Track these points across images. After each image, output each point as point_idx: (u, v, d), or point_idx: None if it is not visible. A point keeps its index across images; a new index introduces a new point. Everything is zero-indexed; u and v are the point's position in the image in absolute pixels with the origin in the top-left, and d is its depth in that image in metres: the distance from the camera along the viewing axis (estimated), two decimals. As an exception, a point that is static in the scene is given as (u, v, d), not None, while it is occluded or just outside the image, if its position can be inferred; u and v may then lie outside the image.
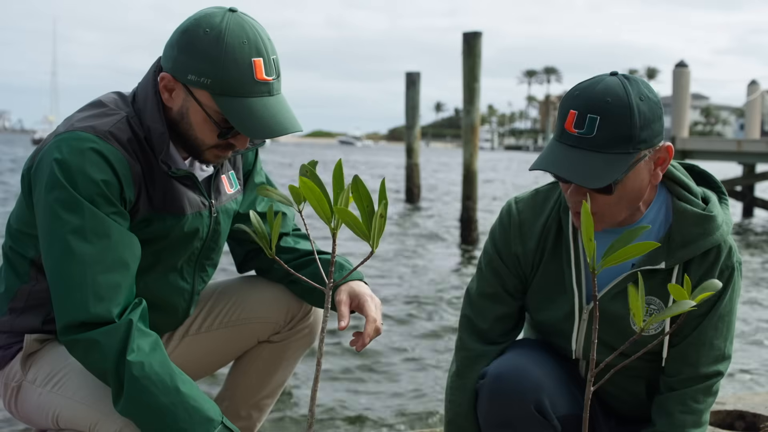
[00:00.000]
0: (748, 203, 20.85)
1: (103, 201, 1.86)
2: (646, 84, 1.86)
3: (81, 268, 1.83)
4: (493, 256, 2.15)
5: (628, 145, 1.81)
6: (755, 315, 8.88)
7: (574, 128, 1.82)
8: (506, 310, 2.15)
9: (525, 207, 2.12)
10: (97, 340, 1.82)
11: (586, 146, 1.81)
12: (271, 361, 2.35)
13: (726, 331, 2.01)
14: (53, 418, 1.98)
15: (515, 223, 2.11)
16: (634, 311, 1.36)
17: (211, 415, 1.84)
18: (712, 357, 2.01)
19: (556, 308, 2.09)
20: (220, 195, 2.14)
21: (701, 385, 2.01)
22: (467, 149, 15.73)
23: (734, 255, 1.99)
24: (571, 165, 1.82)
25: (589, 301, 2.05)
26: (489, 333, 2.15)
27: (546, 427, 2.04)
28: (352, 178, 1.60)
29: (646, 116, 1.82)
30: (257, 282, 2.34)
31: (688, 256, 1.95)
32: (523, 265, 2.12)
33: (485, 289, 2.15)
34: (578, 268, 2.04)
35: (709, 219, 1.95)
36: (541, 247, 2.09)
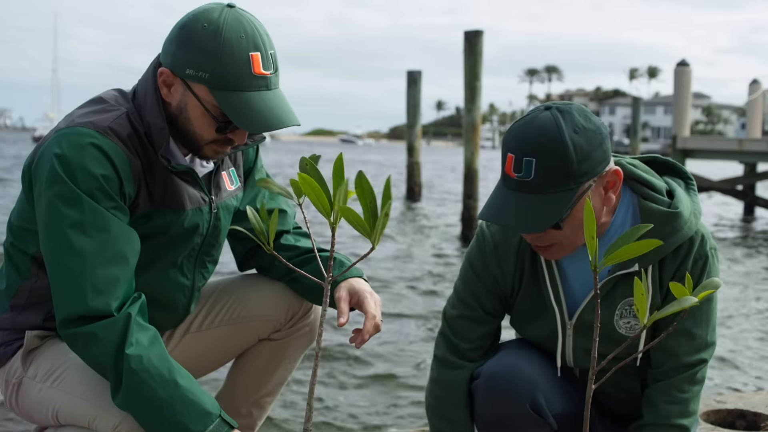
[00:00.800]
0: (749, 202, 20.83)
1: (103, 195, 1.87)
2: (582, 112, 1.85)
3: (80, 262, 1.84)
4: (471, 279, 2.14)
5: (569, 181, 1.81)
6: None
7: (513, 172, 1.83)
8: (486, 329, 2.16)
9: (497, 229, 2.11)
10: (96, 334, 1.83)
11: (526, 189, 1.82)
12: (271, 359, 2.35)
13: (705, 319, 2.01)
14: (53, 413, 1.98)
15: (490, 245, 2.11)
16: (638, 306, 1.36)
17: (209, 409, 1.84)
18: (693, 346, 2.01)
19: (539, 326, 2.10)
20: (220, 191, 2.14)
21: (685, 374, 2.01)
22: (468, 148, 15.73)
23: (707, 242, 1.99)
24: (514, 212, 1.82)
25: (572, 316, 2.05)
26: (470, 352, 2.15)
27: (542, 425, 2.04)
28: (355, 174, 1.60)
29: (583, 149, 1.80)
30: (258, 280, 2.34)
31: (660, 255, 1.95)
32: (502, 287, 2.12)
33: (464, 311, 2.15)
34: (555, 287, 2.05)
35: (674, 216, 1.94)
36: (519, 269, 2.09)
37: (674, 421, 2.01)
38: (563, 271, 2.05)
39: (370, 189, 1.64)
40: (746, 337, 7.96)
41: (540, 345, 2.14)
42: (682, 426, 2.02)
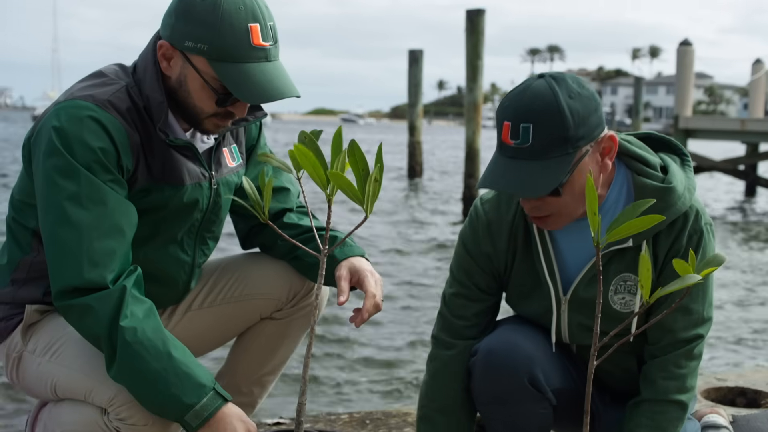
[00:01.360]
0: (750, 182, 20.81)
1: (100, 168, 1.86)
2: (576, 79, 1.86)
3: (76, 234, 1.83)
4: (465, 258, 2.14)
5: (566, 146, 1.81)
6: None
7: (510, 139, 1.83)
8: (481, 306, 2.16)
9: (491, 207, 2.11)
10: (91, 306, 1.82)
11: (524, 156, 1.82)
12: (273, 338, 2.35)
13: (702, 294, 2.01)
14: (51, 387, 1.98)
15: (483, 223, 2.11)
16: (642, 282, 1.36)
17: (203, 381, 1.84)
18: (689, 322, 2.00)
19: (534, 303, 2.10)
20: (221, 167, 2.13)
21: (681, 350, 2.01)
22: (470, 127, 15.70)
23: (702, 218, 1.98)
24: (513, 177, 1.82)
25: (566, 291, 2.05)
26: (467, 330, 2.14)
27: (540, 400, 2.04)
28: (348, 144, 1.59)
29: (579, 113, 1.81)
30: (260, 258, 2.34)
31: (654, 230, 1.95)
32: (495, 264, 2.11)
33: (460, 290, 2.15)
34: (549, 262, 2.04)
35: (669, 191, 1.94)
36: (512, 247, 2.09)
37: (672, 397, 2.01)
38: (557, 246, 2.04)
39: (362, 158, 1.63)
40: (746, 316, 7.97)
41: (536, 321, 2.14)
42: (679, 401, 2.02)
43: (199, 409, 1.82)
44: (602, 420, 2.18)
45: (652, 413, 2.01)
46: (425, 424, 2.17)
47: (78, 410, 1.94)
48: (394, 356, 6.23)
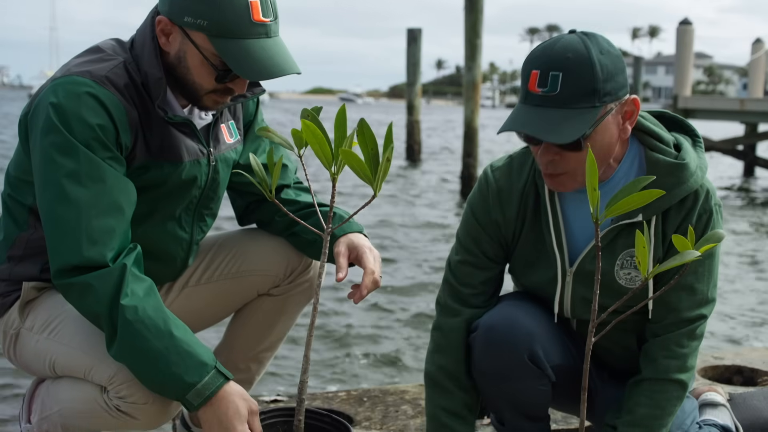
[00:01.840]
0: (749, 162, 20.80)
1: (99, 145, 1.85)
2: (605, 39, 1.87)
3: (75, 212, 1.82)
4: (473, 225, 2.14)
5: (593, 99, 1.82)
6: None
7: (538, 87, 1.83)
8: (489, 274, 2.15)
9: (501, 174, 2.11)
10: (91, 284, 1.82)
11: (551, 104, 1.82)
12: (270, 314, 2.34)
13: (707, 274, 2.01)
14: (50, 364, 1.98)
15: (493, 191, 2.10)
16: (639, 258, 1.36)
17: (205, 360, 1.83)
18: (694, 301, 2.01)
19: (540, 273, 2.09)
20: (219, 144, 2.12)
21: (684, 329, 2.01)
22: (468, 106, 15.66)
23: (712, 198, 1.99)
24: (539, 123, 1.82)
25: (572, 263, 2.05)
26: (472, 298, 2.14)
27: (539, 377, 2.05)
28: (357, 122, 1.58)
29: (608, 69, 1.82)
30: (258, 234, 2.33)
31: (665, 206, 1.95)
32: (503, 232, 2.11)
33: (467, 257, 2.15)
34: (558, 232, 2.04)
35: (681, 167, 1.94)
36: (521, 214, 2.09)
37: (672, 376, 2.01)
38: (566, 217, 2.04)
39: (372, 136, 1.62)
40: (745, 295, 7.99)
41: (538, 293, 2.13)
42: (680, 381, 2.02)
43: (200, 387, 1.82)
44: (600, 397, 2.18)
45: (652, 392, 2.02)
46: (435, 388, 2.16)
47: (77, 388, 1.94)
48: (392, 334, 6.24)
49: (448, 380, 2.14)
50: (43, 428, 2.04)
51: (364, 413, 2.77)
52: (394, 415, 2.76)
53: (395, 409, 2.80)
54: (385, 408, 2.81)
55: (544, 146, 1.88)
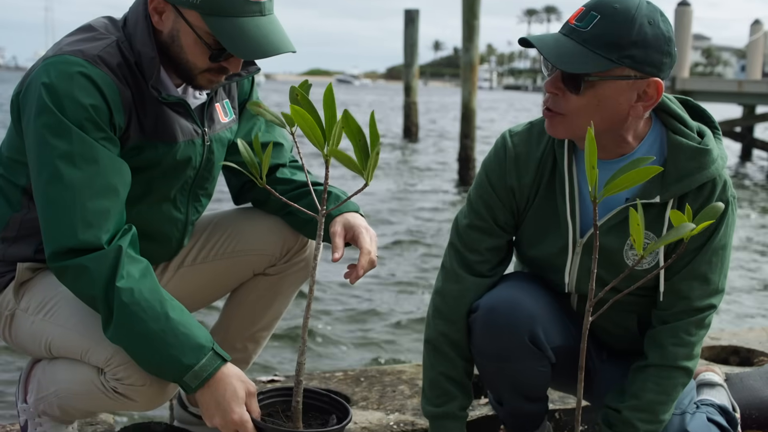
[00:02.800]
0: (747, 144, 20.80)
1: (92, 126, 1.83)
2: (666, 19, 1.87)
3: (69, 194, 1.81)
4: (486, 189, 2.12)
5: (614, 52, 1.81)
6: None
7: (575, 20, 1.86)
8: (496, 242, 2.13)
9: (520, 141, 2.09)
10: (86, 266, 1.80)
11: (575, 37, 1.84)
12: (266, 293, 2.33)
13: (720, 265, 2.01)
14: (46, 345, 1.97)
15: (511, 157, 2.08)
16: (634, 236, 1.35)
17: (202, 342, 1.83)
18: (705, 291, 2.00)
19: (549, 243, 2.08)
20: (213, 123, 2.10)
21: (694, 318, 2.01)
22: (466, 87, 15.62)
23: (729, 189, 1.98)
24: (554, 47, 1.84)
25: (584, 234, 2.04)
26: (478, 265, 2.13)
27: (540, 358, 2.04)
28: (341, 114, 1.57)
29: (646, 38, 1.81)
30: (253, 214, 2.32)
31: (684, 190, 1.94)
32: (517, 199, 2.09)
33: (475, 221, 2.13)
34: (573, 202, 2.03)
35: (705, 152, 1.93)
36: (537, 181, 2.07)
37: (680, 363, 2.01)
38: (581, 189, 2.03)
39: (357, 127, 1.61)
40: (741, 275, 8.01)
41: (543, 266, 2.13)
42: (686, 368, 2.02)
43: (198, 369, 1.81)
44: (599, 377, 2.18)
45: (658, 378, 2.02)
46: (436, 354, 2.15)
47: (74, 369, 1.94)
48: (389, 313, 6.25)
49: (448, 347, 2.13)
50: (39, 408, 2.04)
51: (361, 393, 2.77)
52: (391, 395, 2.76)
53: (392, 389, 2.80)
54: (383, 388, 2.81)
55: (552, 78, 1.89)
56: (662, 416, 2.02)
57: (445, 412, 2.14)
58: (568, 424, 2.68)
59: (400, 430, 2.50)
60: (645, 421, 2.01)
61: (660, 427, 2.03)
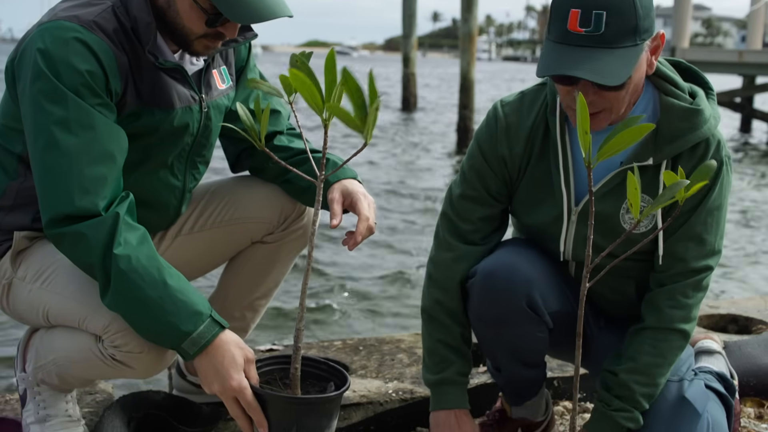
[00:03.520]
0: (746, 115, 20.74)
1: (88, 92, 1.81)
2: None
3: (66, 161, 1.79)
4: (478, 159, 2.12)
5: (635, 37, 1.80)
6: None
7: (580, 27, 1.78)
8: (489, 212, 2.13)
9: (511, 110, 2.09)
10: (84, 233, 1.79)
11: (595, 43, 1.78)
12: (264, 262, 2.33)
13: (715, 225, 2.00)
14: (44, 314, 1.97)
15: (502, 126, 2.08)
16: (631, 201, 1.34)
17: (200, 309, 1.82)
18: (701, 252, 2.00)
19: (543, 211, 2.08)
20: (210, 90, 2.09)
21: (690, 280, 2.01)
22: (464, 58, 15.56)
23: (723, 149, 1.97)
24: (586, 65, 1.77)
25: (578, 202, 2.03)
26: (470, 234, 2.13)
27: (537, 324, 2.04)
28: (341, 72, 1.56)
29: (645, 5, 1.81)
30: (251, 182, 2.31)
31: (676, 150, 1.94)
32: (509, 169, 2.09)
33: (468, 191, 2.13)
34: (566, 170, 2.02)
35: (696, 113, 1.93)
36: (528, 150, 2.06)
37: (676, 326, 2.01)
38: (575, 157, 2.02)
39: (356, 85, 1.60)
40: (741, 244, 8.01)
41: (539, 234, 2.12)
42: (683, 330, 2.02)
43: (196, 336, 1.80)
44: (596, 344, 2.18)
45: (655, 340, 2.02)
46: (432, 323, 2.16)
47: (72, 337, 1.94)
48: (387, 282, 6.26)
49: (444, 314, 2.13)
50: (38, 377, 2.04)
51: (359, 362, 2.77)
52: (390, 363, 2.76)
53: (391, 358, 2.81)
54: (381, 357, 2.82)
55: (583, 86, 1.83)
56: (659, 379, 2.02)
57: (443, 378, 2.15)
58: (567, 391, 2.68)
59: (399, 398, 2.51)
60: (641, 384, 2.02)
61: (656, 390, 2.03)
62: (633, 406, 2.02)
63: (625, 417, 2.02)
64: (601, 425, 2.05)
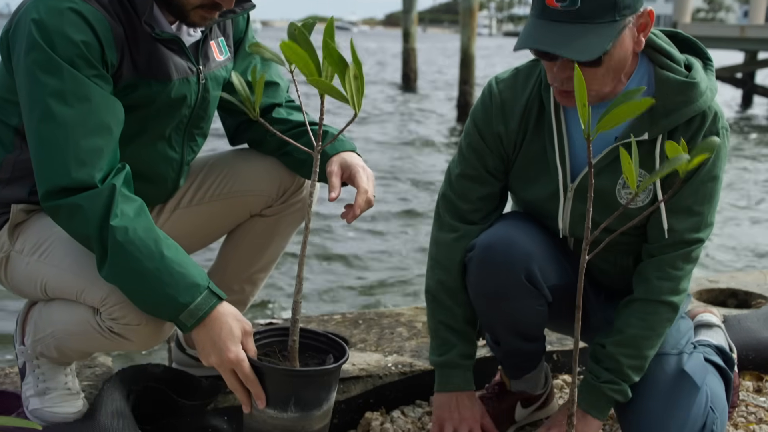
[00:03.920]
0: (748, 90, 20.67)
1: (84, 63, 1.80)
2: None
3: (62, 132, 1.78)
4: (474, 137, 2.11)
5: (614, 13, 1.77)
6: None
7: (557, 2, 1.78)
8: (488, 190, 2.13)
9: (506, 87, 2.08)
10: (80, 205, 1.78)
11: (570, 19, 1.78)
12: (263, 235, 2.32)
13: (708, 197, 1.99)
14: (41, 287, 1.96)
15: (497, 103, 2.07)
16: (627, 175, 1.33)
17: (198, 281, 1.81)
18: (692, 224, 1.99)
19: (540, 188, 2.07)
20: (208, 61, 2.07)
21: (680, 251, 2.00)
22: (465, 33, 15.50)
23: (720, 120, 1.96)
24: (559, 39, 1.78)
25: (574, 178, 2.02)
26: (470, 214, 2.13)
27: (536, 297, 2.04)
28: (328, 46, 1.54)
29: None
30: (249, 154, 2.29)
31: (672, 125, 1.92)
32: (505, 145, 2.08)
33: (466, 170, 2.12)
34: (561, 146, 2.01)
35: (691, 86, 1.91)
36: (523, 127, 2.06)
37: (664, 298, 2.01)
38: (570, 133, 2.01)
39: (339, 56, 1.58)
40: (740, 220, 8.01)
41: (537, 210, 2.12)
42: (671, 303, 2.02)
43: (193, 308, 1.80)
44: (596, 318, 2.18)
45: (643, 313, 2.02)
46: (435, 303, 2.16)
47: (70, 310, 1.93)
48: (386, 257, 6.26)
49: (446, 295, 2.13)
50: (37, 350, 2.04)
51: (359, 335, 2.77)
52: (389, 337, 2.76)
53: (390, 332, 2.81)
54: (381, 330, 2.82)
55: (561, 63, 1.83)
56: (647, 351, 2.02)
57: (446, 361, 2.15)
58: (566, 365, 2.69)
59: (398, 372, 2.51)
60: (629, 356, 2.02)
61: (645, 363, 2.03)
62: (621, 379, 2.02)
63: (612, 389, 2.02)
64: (590, 397, 2.06)
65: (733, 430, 2.35)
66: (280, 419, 1.82)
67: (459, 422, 2.15)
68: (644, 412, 2.03)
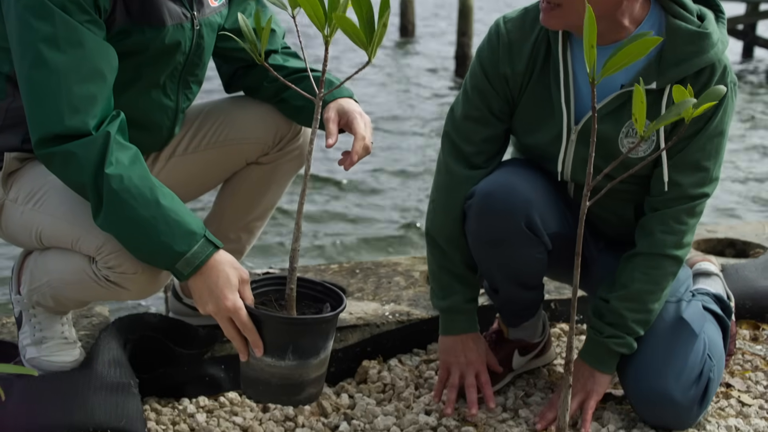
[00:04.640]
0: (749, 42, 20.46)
1: (76, 8, 1.76)
2: None
3: (54, 78, 1.75)
4: (480, 78, 2.08)
5: None
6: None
7: None
8: (492, 132, 2.10)
9: (514, 27, 2.04)
10: (74, 153, 1.76)
11: None
12: (259, 183, 2.30)
13: (715, 152, 1.98)
14: (36, 235, 1.95)
15: (504, 44, 2.04)
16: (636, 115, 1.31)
17: (194, 228, 1.80)
18: (698, 178, 1.98)
19: (543, 130, 2.04)
20: (203, 7, 2.03)
21: (685, 205, 1.99)
22: (464, -17, 15.28)
23: (729, 75, 1.94)
24: None
25: (578, 121, 2.00)
26: (473, 157, 2.10)
27: (536, 245, 2.03)
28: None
29: None
30: (245, 102, 2.27)
31: (681, 75, 1.90)
32: (510, 87, 2.05)
33: (470, 111, 2.09)
34: (567, 89, 1.99)
35: (703, 36, 1.88)
36: (530, 68, 2.03)
37: (668, 252, 2.00)
38: (576, 76, 1.98)
39: (366, 1, 1.55)
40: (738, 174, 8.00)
41: (539, 154, 2.09)
42: (675, 256, 2.01)
43: (190, 257, 1.79)
44: (595, 266, 2.18)
45: (647, 267, 2.01)
46: (435, 247, 2.16)
47: (65, 259, 1.92)
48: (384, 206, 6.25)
49: (446, 240, 2.12)
50: (32, 299, 2.03)
51: (356, 284, 2.77)
52: (386, 286, 2.76)
53: (387, 281, 2.80)
54: (378, 279, 2.82)
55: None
56: (651, 305, 2.02)
57: (450, 306, 2.15)
58: (564, 314, 2.69)
59: (396, 321, 2.51)
60: (633, 311, 2.01)
61: (650, 316, 2.03)
62: (626, 332, 2.02)
63: (617, 343, 2.03)
64: (594, 352, 2.06)
65: (730, 377, 2.36)
66: (277, 367, 1.82)
67: (466, 366, 2.15)
68: (642, 359, 2.04)
